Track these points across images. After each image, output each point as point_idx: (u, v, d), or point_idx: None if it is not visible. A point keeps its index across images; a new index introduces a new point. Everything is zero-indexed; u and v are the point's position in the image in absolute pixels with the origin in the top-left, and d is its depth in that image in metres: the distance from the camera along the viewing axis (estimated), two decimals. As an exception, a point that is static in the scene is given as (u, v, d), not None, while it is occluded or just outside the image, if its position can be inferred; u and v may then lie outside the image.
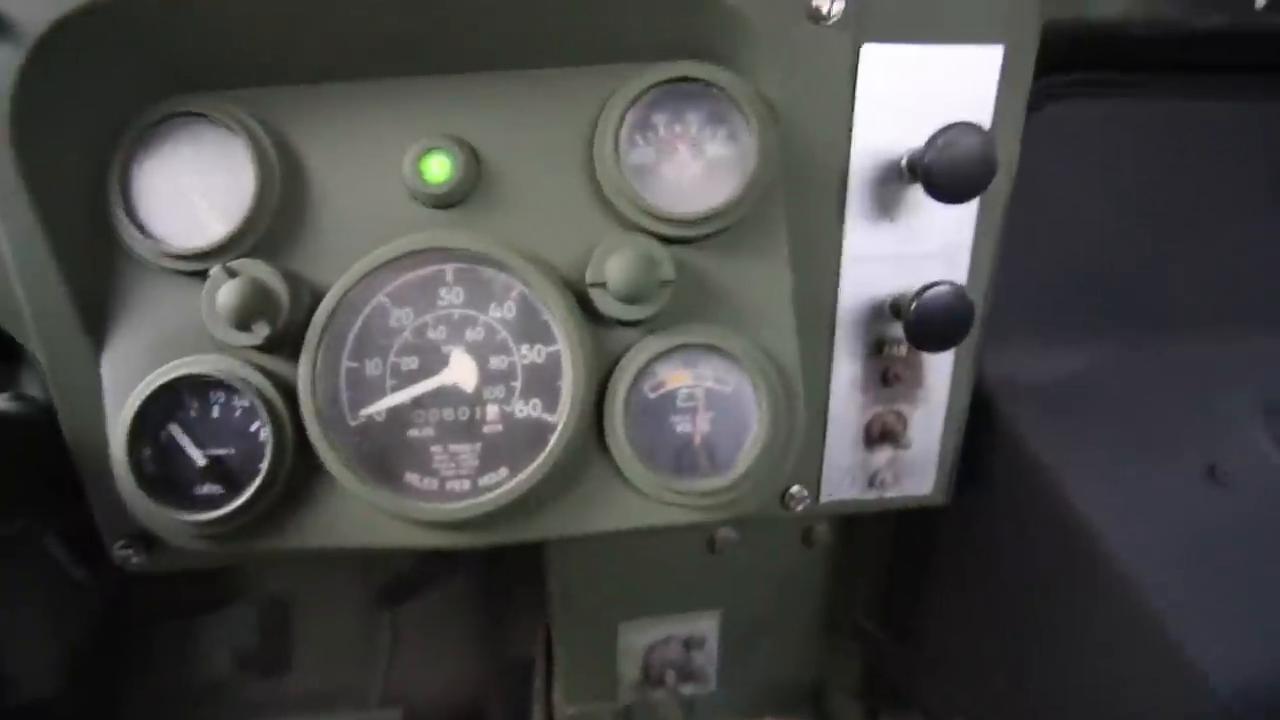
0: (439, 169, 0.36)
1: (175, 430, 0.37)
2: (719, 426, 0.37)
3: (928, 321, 0.38)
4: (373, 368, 0.37)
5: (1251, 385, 0.50)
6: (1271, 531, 0.45)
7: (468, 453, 0.37)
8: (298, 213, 0.37)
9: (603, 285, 0.35)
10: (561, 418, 0.36)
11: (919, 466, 0.46)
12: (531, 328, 0.37)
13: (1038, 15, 0.37)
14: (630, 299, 0.34)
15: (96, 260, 0.37)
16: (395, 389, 0.37)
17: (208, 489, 0.37)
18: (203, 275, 0.36)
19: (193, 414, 0.37)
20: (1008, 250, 0.43)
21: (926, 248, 0.41)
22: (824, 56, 0.36)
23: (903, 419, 0.45)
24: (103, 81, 0.35)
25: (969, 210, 0.40)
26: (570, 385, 0.35)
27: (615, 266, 0.34)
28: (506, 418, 0.37)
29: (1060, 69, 0.43)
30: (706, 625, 0.67)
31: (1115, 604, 0.43)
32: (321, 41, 0.35)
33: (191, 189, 0.37)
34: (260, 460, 0.36)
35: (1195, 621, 0.41)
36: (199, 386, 0.36)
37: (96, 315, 0.37)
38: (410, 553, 0.41)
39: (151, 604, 0.88)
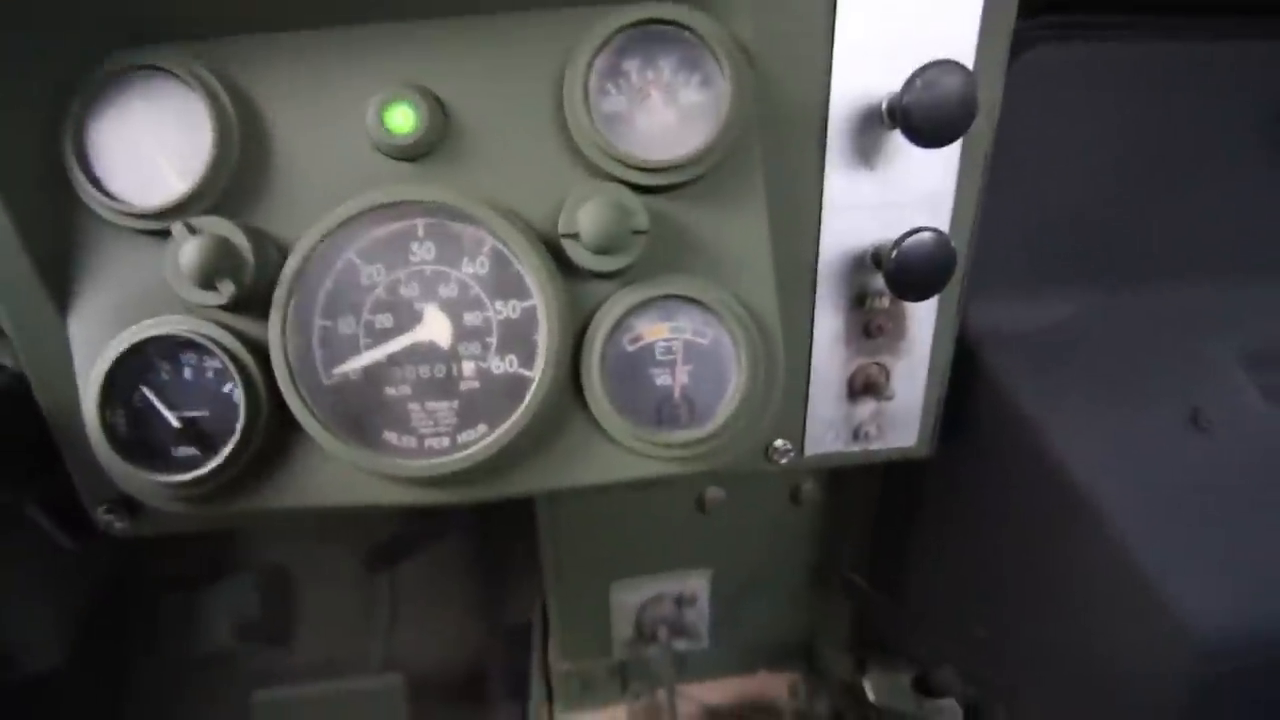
0: (403, 119, 0.35)
1: (147, 392, 0.36)
2: (698, 378, 0.37)
3: (909, 270, 0.37)
4: (345, 326, 0.36)
5: (1235, 333, 0.50)
6: (1252, 478, 0.45)
7: (445, 409, 0.37)
8: (259, 167, 0.36)
9: (575, 236, 0.34)
10: (538, 372, 0.35)
11: (903, 418, 0.46)
12: (505, 282, 0.36)
13: None
14: (603, 249, 0.34)
15: (56, 222, 0.36)
16: (369, 347, 0.36)
17: (183, 451, 0.37)
18: (166, 234, 0.35)
19: (164, 376, 0.36)
20: (991, 198, 0.42)
21: (909, 196, 0.40)
22: None
23: (886, 371, 0.45)
24: (47, 36, 0.33)
25: (951, 157, 0.40)
26: (546, 339, 0.35)
27: (587, 216, 0.33)
28: (483, 374, 0.37)
29: (1045, 10, 0.42)
30: (698, 583, 0.68)
31: (1095, 552, 0.44)
32: None
33: (149, 145, 0.36)
34: (235, 421, 0.35)
35: (1175, 569, 0.41)
36: (169, 348, 0.36)
37: (60, 278, 0.36)
38: (395, 511, 0.41)
39: (154, 576, 0.89)
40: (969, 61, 0.38)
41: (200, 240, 0.33)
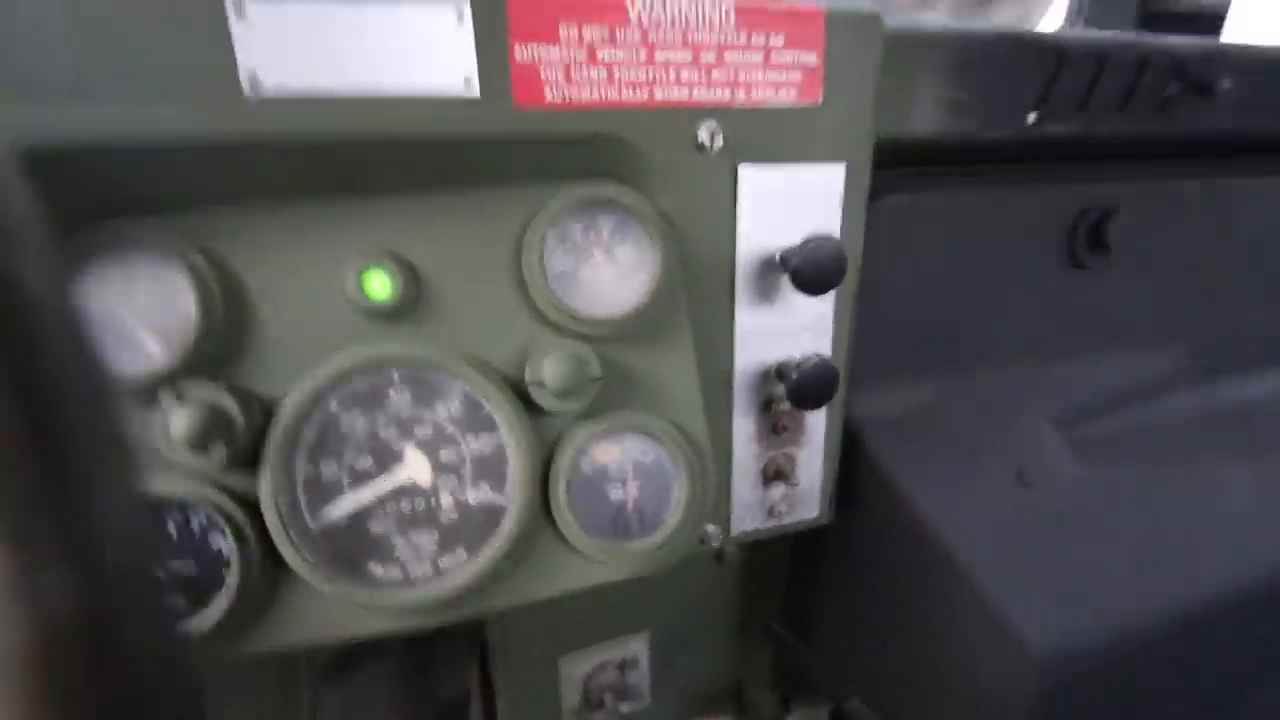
0: (380, 285, 0.40)
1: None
2: (646, 492, 0.44)
3: (805, 388, 0.47)
4: (328, 471, 0.40)
5: (1045, 403, 0.64)
6: (1067, 520, 0.58)
7: (427, 540, 0.41)
8: (239, 332, 0.39)
9: (541, 384, 0.40)
10: (512, 500, 0.41)
11: (807, 496, 0.56)
12: (476, 420, 0.41)
13: (871, 139, 0.48)
14: (565, 395, 0.40)
15: None
16: (353, 489, 0.40)
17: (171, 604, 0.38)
18: (146, 400, 0.37)
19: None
20: (862, 311, 0.53)
21: (800, 322, 0.50)
22: (709, 178, 0.44)
23: (791, 460, 0.54)
24: None
25: (830, 294, 0.50)
26: (518, 472, 0.41)
27: (550, 369, 0.40)
28: (460, 504, 0.41)
29: (896, 164, 0.54)
30: (638, 646, 0.74)
31: (952, 589, 0.55)
32: (252, 173, 0.38)
33: (124, 313, 0.38)
34: (222, 570, 0.38)
35: (1013, 599, 0.52)
36: (153, 507, 0.38)
37: None
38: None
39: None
40: (838, 219, 0.49)
41: (192, 408, 0.36)
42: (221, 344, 0.38)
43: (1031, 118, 0.55)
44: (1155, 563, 0.58)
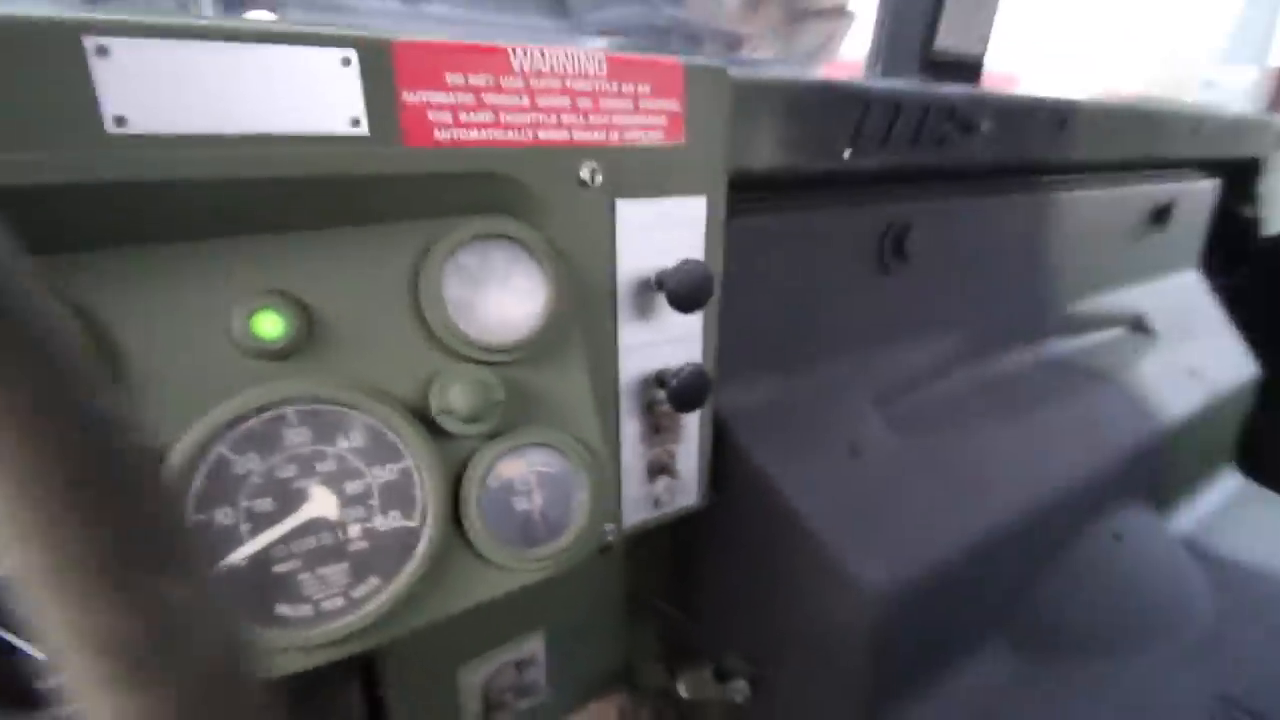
0: (271, 326, 0.39)
1: (-10, 632, 0.34)
2: (550, 500, 0.48)
3: (684, 393, 0.53)
4: (223, 517, 0.39)
5: (867, 386, 0.77)
6: (887, 481, 0.71)
7: (337, 572, 0.41)
8: (118, 381, 0.37)
9: (449, 411, 0.42)
10: (426, 523, 0.43)
11: (686, 485, 0.63)
12: (381, 450, 0.42)
13: (726, 173, 0.55)
14: (473, 420, 0.43)
15: None
16: (252, 532, 0.39)
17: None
18: None
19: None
20: (724, 323, 0.61)
21: (673, 334, 0.57)
22: (590, 211, 0.49)
23: (672, 455, 0.61)
24: None
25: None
26: (431, 495, 0.42)
27: (458, 397, 0.42)
28: (369, 533, 0.42)
29: (744, 188, 0.62)
30: (534, 644, 0.77)
31: (801, 548, 0.65)
32: (119, 218, 0.36)
33: None
34: None
35: (850, 549, 0.64)
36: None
37: None
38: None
39: None
40: (701, 242, 0.56)
41: None
42: None
43: (847, 153, 0.66)
44: (949, 507, 0.73)
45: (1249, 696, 0.76)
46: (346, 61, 0.38)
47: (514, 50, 0.43)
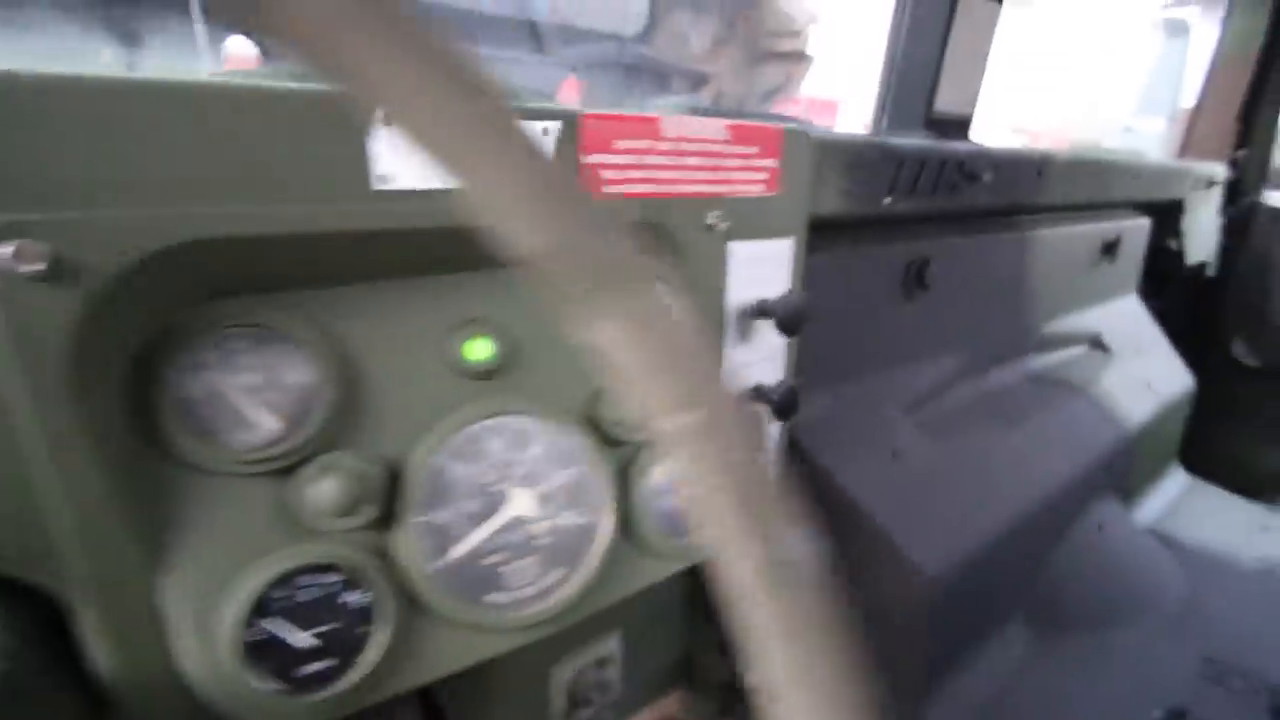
0: (481, 349, 0.46)
1: (272, 622, 0.39)
2: (690, 498, 0.55)
3: (783, 405, 0.62)
4: (442, 517, 0.45)
5: (900, 397, 0.89)
6: (926, 479, 0.82)
7: (530, 564, 0.48)
8: (353, 401, 0.43)
9: (620, 422, 0.50)
10: (600, 519, 0.50)
11: (766, 488, 0.72)
12: (562, 456, 0.49)
13: (807, 217, 0.65)
14: (637, 428, 0.50)
15: (148, 475, 0.37)
16: (468, 529, 0.45)
17: (314, 666, 0.40)
18: (266, 474, 0.39)
19: (283, 602, 0.40)
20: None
21: (764, 354, 0.66)
22: (713, 251, 0.58)
23: (758, 460, 0.69)
24: (149, 302, 0.36)
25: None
26: (603, 495, 0.50)
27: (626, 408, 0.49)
28: (554, 529, 0.49)
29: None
30: (612, 643, 0.83)
31: (866, 538, 0.75)
32: (366, 258, 0.42)
33: (237, 389, 0.39)
34: (359, 626, 0.41)
35: (909, 539, 0.74)
36: (285, 576, 0.40)
37: (153, 534, 0.37)
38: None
39: None
40: (787, 284, 0.65)
41: (341, 477, 0.39)
42: (341, 415, 0.42)
43: (888, 200, 0.78)
44: (975, 502, 0.84)
45: (1230, 655, 0.90)
46: (546, 131, 0.46)
47: (664, 120, 0.52)
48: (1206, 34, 1.82)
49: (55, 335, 0.32)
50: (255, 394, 0.40)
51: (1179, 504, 1.32)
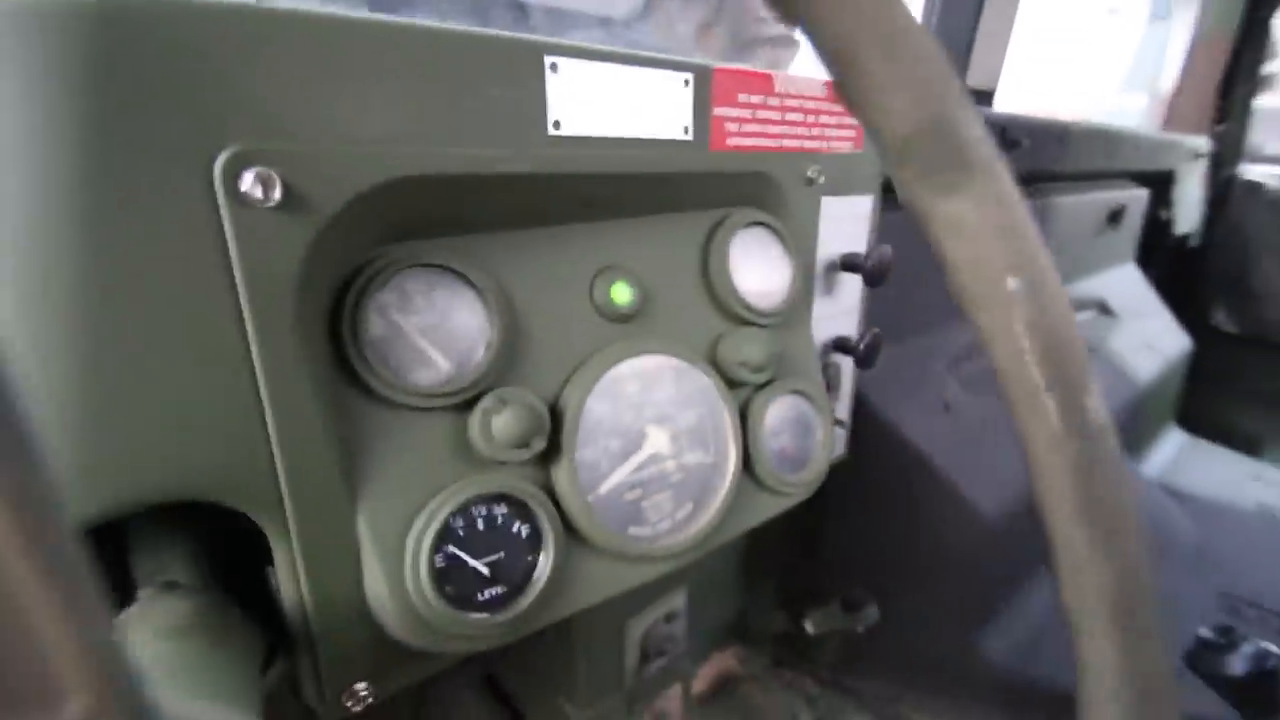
0: (623, 293, 0.48)
1: (454, 548, 0.41)
2: (798, 438, 0.58)
3: (869, 354, 0.65)
4: (592, 454, 0.47)
5: (943, 354, 0.93)
6: (974, 429, 0.86)
7: (664, 499, 0.50)
8: (515, 341, 0.44)
9: (744, 363, 0.52)
10: (726, 456, 0.52)
11: (839, 438, 0.75)
12: (690, 398, 0.51)
13: (882, 178, 0.68)
14: (760, 370, 0.53)
15: (342, 408, 0.38)
16: (612, 467, 0.47)
17: (491, 591, 0.42)
18: (441, 409, 0.41)
19: (461, 530, 0.41)
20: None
21: (843, 307, 0.69)
22: (810, 204, 0.60)
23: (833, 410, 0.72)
24: (353, 239, 0.37)
25: (858, 286, 0.69)
26: (729, 433, 0.52)
27: (753, 350, 0.52)
28: (683, 467, 0.51)
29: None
30: (679, 599, 0.86)
31: (926, 484, 0.79)
32: (530, 202, 0.44)
33: (412, 330, 0.41)
34: (528, 554, 0.43)
35: (964, 482, 0.78)
36: (465, 505, 0.41)
37: (349, 463, 0.38)
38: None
39: None
40: (866, 240, 0.68)
41: (516, 410, 0.41)
42: (505, 354, 0.43)
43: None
44: (1011, 451, 0.89)
45: (1241, 589, 0.97)
46: (686, 83, 0.48)
47: (775, 76, 0.54)
48: (1186, 14, 1.91)
49: (285, 267, 0.32)
50: (432, 332, 0.41)
51: (1178, 459, 1.41)
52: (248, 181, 0.30)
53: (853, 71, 0.20)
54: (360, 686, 0.41)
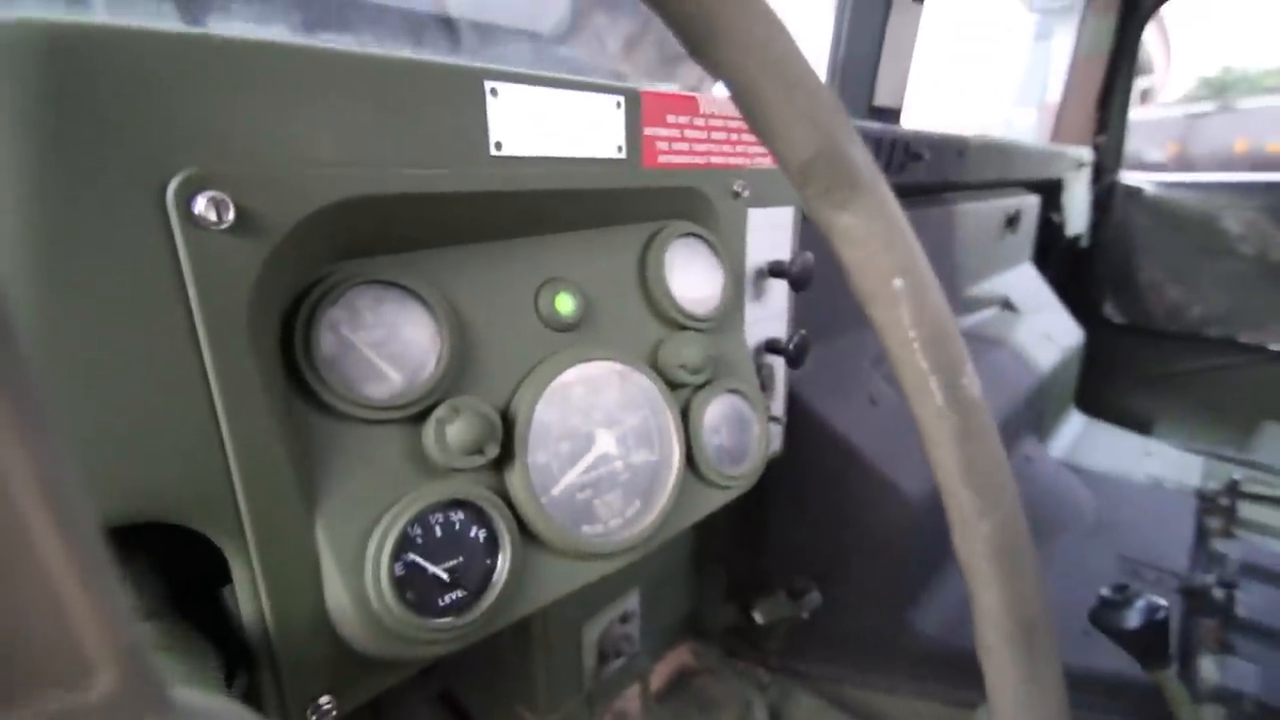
0: (566, 303, 0.51)
1: (412, 555, 0.42)
2: (737, 434, 0.62)
3: (798, 354, 0.70)
4: (543, 458, 0.49)
5: (866, 351, 1.00)
6: (899, 424, 0.93)
7: (614, 498, 0.53)
8: (464, 352, 0.46)
9: (683, 365, 0.56)
10: (671, 454, 0.55)
11: (776, 434, 0.80)
12: (634, 400, 0.54)
13: None
14: (697, 371, 0.56)
15: (298, 424, 0.39)
16: (562, 470, 0.50)
17: (451, 596, 0.43)
18: (396, 420, 0.42)
19: (419, 538, 0.42)
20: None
21: (773, 310, 0.74)
22: (737, 216, 0.65)
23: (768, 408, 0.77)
24: (306, 257, 0.38)
25: (784, 290, 0.74)
26: (671, 433, 0.55)
27: (691, 353, 0.55)
28: (629, 467, 0.54)
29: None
30: (632, 600, 0.88)
31: (859, 474, 0.84)
32: (474, 218, 0.46)
33: (366, 343, 0.42)
34: (486, 558, 0.45)
35: (894, 470, 0.84)
36: (423, 513, 0.42)
37: (307, 478, 0.39)
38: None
39: None
40: (789, 248, 0.73)
41: (469, 418, 0.43)
42: (455, 366, 0.45)
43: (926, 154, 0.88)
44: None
45: (1139, 553, 1.08)
46: (619, 105, 0.51)
47: (699, 98, 0.58)
48: (1065, 35, 2.11)
49: (239, 286, 0.34)
50: (383, 346, 0.42)
51: (1079, 439, 1.54)
52: (201, 205, 0.31)
53: (758, 107, 0.24)
54: (324, 700, 0.42)
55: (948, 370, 0.27)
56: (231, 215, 0.32)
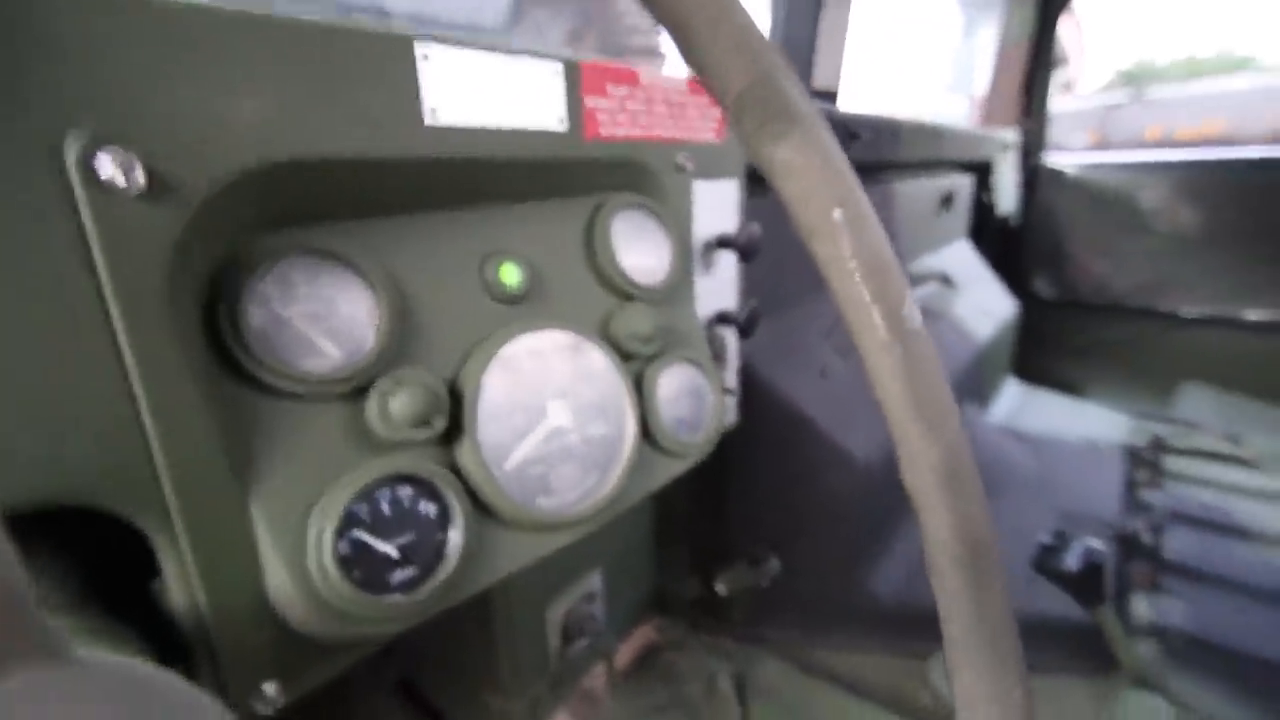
0: (512, 274, 0.50)
1: (357, 533, 0.40)
2: (691, 403, 0.63)
3: (749, 324, 0.71)
4: (495, 431, 0.48)
5: (816, 324, 1.02)
6: (846, 391, 0.96)
7: (569, 470, 0.53)
8: (405, 325, 0.45)
9: (634, 335, 0.56)
10: (625, 426, 0.55)
11: (730, 406, 0.81)
12: (586, 372, 0.54)
13: (745, 165, 0.74)
14: (649, 341, 0.56)
15: (229, 402, 0.37)
16: (515, 443, 0.49)
17: (400, 574, 0.42)
18: (337, 396, 0.41)
19: (367, 515, 0.41)
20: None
21: (721, 281, 0.75)
22: (683, 189, 0.65)
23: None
24: (226, 226, 0.36)
25: (733, 263, 0.76)
26: (626, 404, 0.55)
27: (640, 322, 0.56)
28: (586, 439, 0.54)
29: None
30: (595, 580, 0.88)
31: (812, 442, 0.87)
32: (413, 189, 0.45)
33: (300, 317, 0.40)
34: (437, 532, 0.44)
35: (844, 437, 0.87)
36: (368, 490, 0.41)
37: (241, 457, 0.37)
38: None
39: None
40: (735, 212, 0.74)
41: (413, 390, 0.42)
42: (396, 339, 0.44)
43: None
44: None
45: (1077, 507, 1.14)
46: (557, 73, 0.51)
47: (639, 71, 0.58)
48: (989, 26, 2.21)
49: (153, 256, 0.32)
50: (319, 320, 0.41)
51: (1017, 405, 1.62)
52: (106, 166, 0.30)
53: (690, 41, 0.24)
54: (269, 687, 0.40)
55: (889, 299, 0.28)
56: (142, 179, 0.31)
